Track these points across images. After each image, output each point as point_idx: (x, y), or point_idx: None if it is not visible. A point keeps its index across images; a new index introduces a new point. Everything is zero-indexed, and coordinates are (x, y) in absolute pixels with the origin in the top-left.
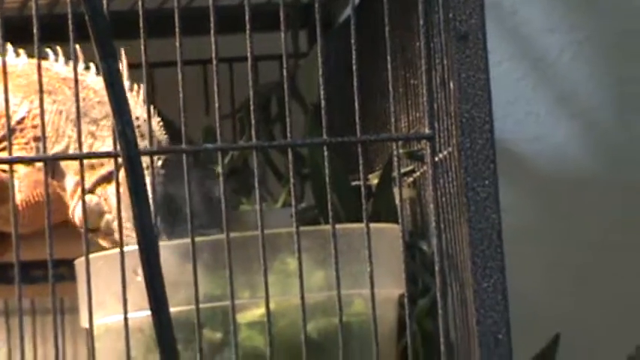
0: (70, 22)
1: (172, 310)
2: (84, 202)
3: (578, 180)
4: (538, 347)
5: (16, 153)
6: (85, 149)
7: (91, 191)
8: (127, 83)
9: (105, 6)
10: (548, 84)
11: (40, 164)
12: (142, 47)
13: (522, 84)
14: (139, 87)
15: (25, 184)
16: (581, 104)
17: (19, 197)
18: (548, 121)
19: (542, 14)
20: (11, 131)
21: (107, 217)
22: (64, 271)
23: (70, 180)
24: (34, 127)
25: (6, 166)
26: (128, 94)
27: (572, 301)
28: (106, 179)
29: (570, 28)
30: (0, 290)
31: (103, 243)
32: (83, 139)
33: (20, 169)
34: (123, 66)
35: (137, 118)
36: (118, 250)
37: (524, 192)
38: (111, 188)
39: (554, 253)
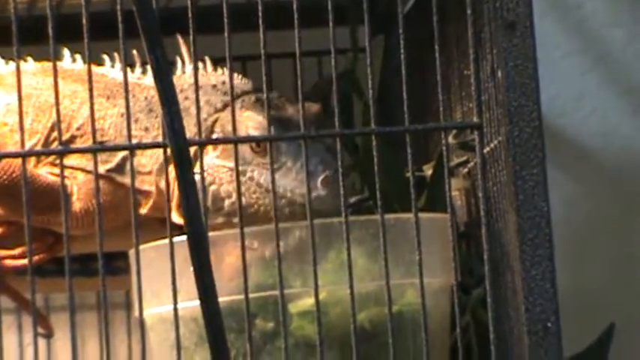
0: (119, 19)
1: (225, 299)
2: (133, 188)
3: None
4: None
5: (78, 159)
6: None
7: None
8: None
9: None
10: (614, 78)
11: (101, 172)
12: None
13: (588, 78)
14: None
15: (84, 191)
16: None
17: (77, 205)
18: (614, 115)
19: (607, 8)
20: (72, 137)
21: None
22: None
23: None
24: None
25: (59, 171)
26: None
27: (632, 292)
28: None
29: (635, 22)
30: (58, 283)
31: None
32: (154, 132)
33: (79, 176)
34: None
35: None
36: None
37: (590, 186)
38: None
39: (619, 246)
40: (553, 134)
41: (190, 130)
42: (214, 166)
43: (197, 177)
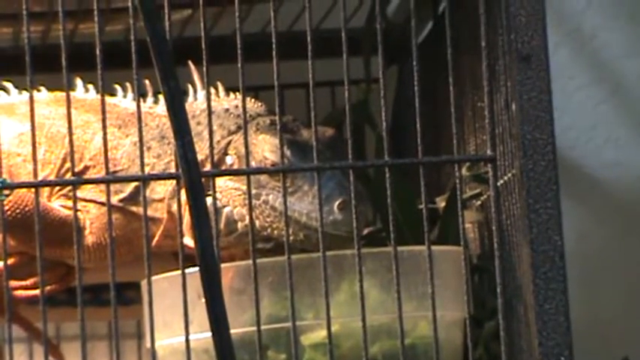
0: (132, 49)
1: (238, 330)
2: (146, 218)
3: None
4: None
5: (91, 191)
6: (173, 168)
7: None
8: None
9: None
10: (627, 109)
11: (114, 202)
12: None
13: (602, 109)
14: None
15: (96, 225)
16: None
17: (90, 239)
18: (627, 146)
19: (621, 40)
20: (85, 168)
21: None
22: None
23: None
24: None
25: (72, 203)
26: None
27: None
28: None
29: None
30: (70, 313)
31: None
32: (167, 159)
33: (92, 210)
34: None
35: None
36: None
37: (603, 217)
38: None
39: (633, 278)
40: (566, 165)
41: (203, 154)
42: (227, 189)
43: (209, 201)
